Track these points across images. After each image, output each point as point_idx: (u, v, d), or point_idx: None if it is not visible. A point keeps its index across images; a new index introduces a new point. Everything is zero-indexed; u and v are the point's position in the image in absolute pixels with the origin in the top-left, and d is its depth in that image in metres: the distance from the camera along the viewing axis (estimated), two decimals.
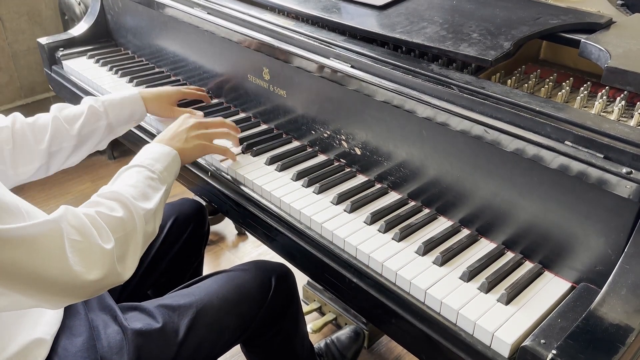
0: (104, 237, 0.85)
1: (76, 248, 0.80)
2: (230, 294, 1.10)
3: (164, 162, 1.05)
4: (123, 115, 1.27)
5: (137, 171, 1.01)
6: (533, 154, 0.85)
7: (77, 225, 0.82)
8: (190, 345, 1.03)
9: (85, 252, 0.81)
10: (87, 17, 1.89)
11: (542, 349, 0.72)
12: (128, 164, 1.03)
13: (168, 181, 1.05)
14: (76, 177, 2.70)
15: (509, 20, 1.09)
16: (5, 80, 2.61)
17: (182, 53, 1.58)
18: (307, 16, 1.27)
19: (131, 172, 1.01)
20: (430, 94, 0.97)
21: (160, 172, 1.02)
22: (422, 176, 1.05)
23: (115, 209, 0.90)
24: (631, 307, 0.73)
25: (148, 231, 0.95)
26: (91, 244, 0.82)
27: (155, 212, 0.97)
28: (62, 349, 0.94)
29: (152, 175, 1.01)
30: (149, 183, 0.99)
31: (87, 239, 0.82)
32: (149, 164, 1.03)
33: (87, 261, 0.81)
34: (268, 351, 1.25)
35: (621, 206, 0.78)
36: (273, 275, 1.16)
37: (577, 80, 1.09)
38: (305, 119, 1.25)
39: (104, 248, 0.83)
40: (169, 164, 1.06)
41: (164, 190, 1.02)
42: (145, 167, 1.02)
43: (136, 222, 0.91)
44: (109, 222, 0.87)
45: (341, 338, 1.69)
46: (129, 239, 0.89)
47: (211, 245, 2.28)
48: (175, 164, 1.08)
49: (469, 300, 0.85)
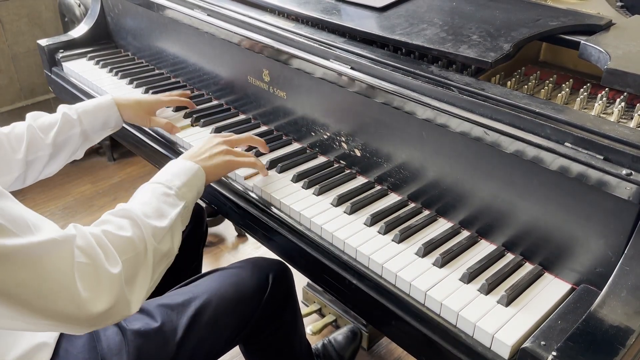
0: (110, 259, 0.79)
1: (83, 271, 0.74)
2: (228, 292, 1.10)
3: (183, 178, 1.00)
4: (97, 123, 1.25)
5: (153, 188, 0.96)
6: (533, 155, 0.85)
7: (84, 246, 0.76)
8: (189, 344, 1.03)
9: (92, 277, 0.75)
10: (87, 19, 1.89)
11: (542, 351, 0.72)
12: (147, 182, 0.99)
13: (188, 198, 0.99)
14: (76, 179, 2.70)
15: (508, 22, 1.09)
16: (5, 82, 2.61)
17: (182, 55, 1.58)
18: (307, 18, 1.27)
19: (147, 189, 0.96)
20: (430, 95, 0.97)
21: (178, 188, 0.97)
22: (422, 178, 1.05)
23: (124, 228, 0.84)
24: (631, 309, 0.73)
25: (162, 250, 0.89)
26: (97, 267, 0.76)
27: (170, 229, 0.91)
28: (63, 351, 0.94)
29: (168, 191, 0.96)
30: (165, 199, 0.94)
31: (94, 261, 0.76)
32: (166, 179, 0.99)
33: (94, 287, 0.75)
34: (267, 349, 1.25)
35: (621, 208, 0.78)
36: (270, 272, 1.16)
37: (576, 82, 1.09)
38: (305, 120, 1.25)
39: (111, 272, 0.77)
40: (189, 179, 1.01)
41: (181, 206, 0.96)
42: (162, 183, 0.98)
43: (146, 242, 0.85)
44: (116, 242, 0.82)
45: (338, 338, 1.68)
46: (139, 261, 0.84)
47: (211, 247, 2.28)
48: (197, 180, 1.03)
49: (469, 302, 0.85)
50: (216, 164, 1.08)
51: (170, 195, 0.96)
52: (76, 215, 2.43)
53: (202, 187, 1.05)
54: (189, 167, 1.03)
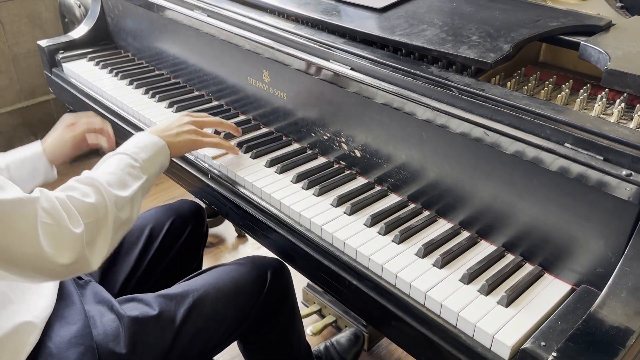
0: (73, 221, 0.86)
1: (47, 231, 0.82)
2: (226, 286, 1.11)
3: (149, 152, 1.05)
4: (24, 173, 1.17)
5: (119, 159, 1.02)
6: (533, 156, 0.85)
7: (48, 208, 0.83)
8: (186, 334, 1.04)
9: (55, 235, 0.83)
10: (87, 20, 1.89)
11: (542, 352, 0.72)
12: (114, 151, 1.04)
13: (151, 171, 1.05)
14: None
15: (508, 22, 1.09)
16: (6, 83, 2.61)
17: (182, 55, 1.58)
18: (306, 19, 1.27)
19: (113, 160, 1.02)
20: (430, 96, 0.97)
21: (143, 161, 1.03)
22: (422, 178, 1.05)
23: (88, 195, 0.91)
24: (631, 310, 0.73)
25: (122, 218, 0.95)
26: (61, 227, 0.84)
27: (131, 199, 0.97)
28: (57, 336, 0.95)
29: (134, 163, 1.02)
30: (129, 171, 1.00)
31: (58, 222, 0.83)
32: (133, 152, 1.03)
33: (57, 244, 0.83)
34: (265, 347, 1.25)
35: (621, 208, 0.78)
36: (269, 270, 1.17)
37: (576, 83, 1.09)
38: (305, 121, 1.25)
39: (73, 232, 0.85)
40: (154, 154, 1.06)
41: (144, 179, 1.02)
42: (129, 155, 1.03)
43: (108, 209, 0.91)
44: (80, 207, 0.88)
45: (341, 341, 1.69)
46: (100, 225, 0.90)
47: (211, 247, 2.28)
48: (162, 155, 1.09)
49: (469, 303, 0.85)
50: (182, 141, 1.14)
51: (135, 168, 1.02)
52: None
53: (166, 163, 1.10)
54: (155, 141, 1.08)
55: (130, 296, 1.08)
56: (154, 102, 1.52)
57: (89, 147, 1.31)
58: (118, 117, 1.52)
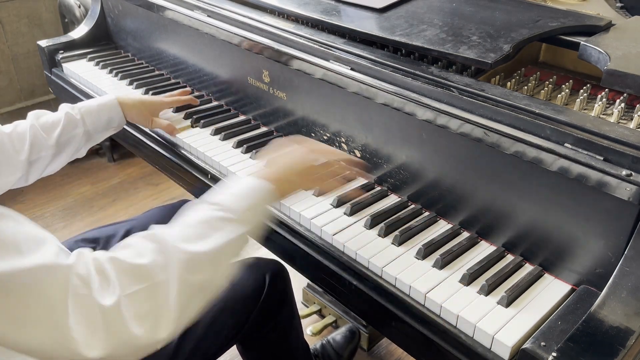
0: (105, 289, 0.64)
1: (78, 304, 0.61)
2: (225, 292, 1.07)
3: (249, 200, 0.82)
4: (100, 122, 1.24)
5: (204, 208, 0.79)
6: (533, 156, 0.85)
7: (84, 274, 0.64)
8: (187, 344, 1.03)
9: (84, 310, 0.62)
10: (87, 20, 1.89)
11: (542, 352, 0.72)
12: None
13: (250, 220, 0.82)
14: (76, 180, 2.70)
15: (508, 22, 1.09)
16: (5, 83, 2.61)
17: (182, 56, 1.58)
18: (307, 19, 1.27)
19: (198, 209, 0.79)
20: (430, 96, 0.97)
21: (240, 211, 0.79)
22: (422, 179, 1.05)
23: (142, 254, 0.69)
24: (631, 310, 0.73)
25: (192, 282, 0.71)
26: (89, 299, 0.63)
27: (212, 256, 0.73)
28: None
29: (228, 216, 0.78)
30: (214, 224, 0.77)
31: (90, 292, 0.63)
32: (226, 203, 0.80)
33: (87, 323, 0.62)
34: (264, 349, 1.25)
35: (621, 208, 0.78)
36: (267, 272, 1.17)
37: (576, 83, 1.09)
38: (305, 121, 1.25)
39: (99, 304, 0.63)
40: (256, 202, 0.83)
41: (240, 232, 0.79)
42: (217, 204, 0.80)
43: (169, 270, 0.69)
44: (123, 270, 0.66)
45: (336, 338, 1.69)
46: (156, 291, 0.67)
47: None
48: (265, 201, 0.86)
49: (469, 303, 0.85)
50: (296, 182, 0.93)
51: (230, 221, 0.78)
52: (76, 216, 2.43)
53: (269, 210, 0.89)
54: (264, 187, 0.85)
55: None
56: None
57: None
58: None
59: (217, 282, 0.76)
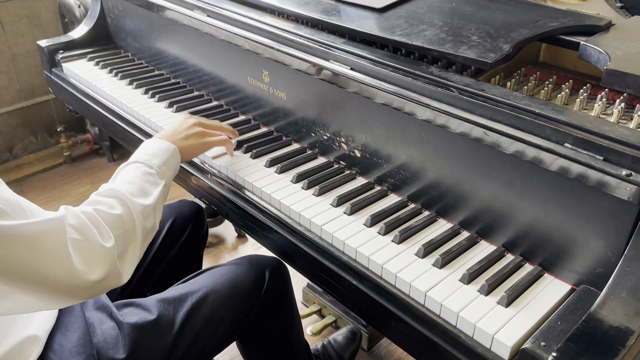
0: (104, 235, 0.85)
1: (78, 247, 0.80)
2: (224, 287, 1.11)
3: (162, 157, 1.06)
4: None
5: (134, 167, 1.02)
6: (533, 156, 0.85)
7: (77, 224, 0.82)
8: (185, 338, 1.04)
9: (86, 251, 0.81)
10: (87, 20, 1.89)
11: (542, 352, 0.72)
12: (127, 161, 1.04)
13: (167, 176, 1.05)
14: (76, 180, 2.70)
15: (508, 22, 1.09)
16: (5, 83, 2.61)
17: (182, 56, 1.58)
18: (306, 19, 1.27)
19: (129, 169, 1.02)
20: (430, 96, 0.97)
21: (158, 167, 1.03)
22: (422, 178, 1.05)
23: (114, 207, 0.90)
24: (631, 310, 0.73)
25: (147, 227, 0.95)
26: (92, 243, 0.82)
27: (154, 207, 0.97)
28: (58, 345, 0.95)
29: (150, 170, 1.02)
30: (147, 178, 1.00)
31: (88, 238, 0.82)
32: (146, 159, 1.04)
33: (89, 260, 0.81)
34: (264, 346, 1.25)
35: (621, 208, 0.78)
36: (267, 269, 1.17)
37: (576, 83, 1.09)
38: (305, 121, 1.25)
39: (104, 246, 0.84)
40: (167, 158, 1.07)
41: (162, 185, 1.02)
42: (143, 162, 1.03)
43: (135, 219, 0.91)
44: (108, 220, 0.87)
45: (338, 339, 1.69)
46: (129, 236, 0.90)
47: (211, 247, 2.28)
48: (174, 159, 1.09)
49: (469, 303, 0.85)
50: (191, 144, 1.15)
51: (152, 174, 1.02)
52: None
53: (178, 166, 1.11)
54: (166, 146, 1.09)
55: (128, 300, 1.07)
56: (153, 102, 1.52)
57: None
58: (118, 117, 1.52)
59: (157, 225, 0.99)
